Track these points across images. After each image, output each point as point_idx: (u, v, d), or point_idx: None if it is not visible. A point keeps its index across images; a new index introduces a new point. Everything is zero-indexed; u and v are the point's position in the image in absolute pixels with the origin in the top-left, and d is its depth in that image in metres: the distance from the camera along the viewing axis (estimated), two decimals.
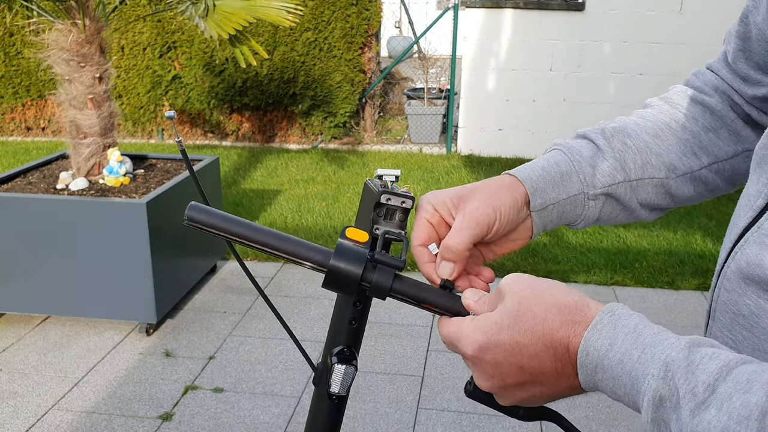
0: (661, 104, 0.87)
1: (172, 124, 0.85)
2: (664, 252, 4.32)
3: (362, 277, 0.70)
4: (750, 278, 0.60)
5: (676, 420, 0.50)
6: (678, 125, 0.84)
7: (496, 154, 6.52)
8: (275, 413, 2.75)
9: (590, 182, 0.79)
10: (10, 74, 6.97)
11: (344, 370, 0.77)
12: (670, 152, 0.83)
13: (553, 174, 0.78)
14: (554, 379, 0.61)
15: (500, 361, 0.62)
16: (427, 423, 2.72)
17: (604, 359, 0.56)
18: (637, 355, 0.55)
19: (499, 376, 0.63)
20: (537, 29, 6.21)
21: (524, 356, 0.61)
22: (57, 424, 2.68)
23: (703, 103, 0.84)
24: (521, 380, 0.62)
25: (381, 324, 3.47)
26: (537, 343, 0.60)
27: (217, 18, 3.45)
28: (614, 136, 0.82)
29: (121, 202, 3.22)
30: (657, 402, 0.52)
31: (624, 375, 0.55)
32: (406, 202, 0.73)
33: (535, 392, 0.63)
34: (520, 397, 0.64)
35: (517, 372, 0.62)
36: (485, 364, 0.63)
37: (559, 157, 0.80)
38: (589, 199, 0.80)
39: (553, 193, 0.78)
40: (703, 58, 4.91)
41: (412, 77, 7.80)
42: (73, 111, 3.56)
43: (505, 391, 0.64)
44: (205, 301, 3.70)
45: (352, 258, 0.70)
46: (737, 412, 0.47)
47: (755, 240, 0.60)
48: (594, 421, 2.73)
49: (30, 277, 3.28)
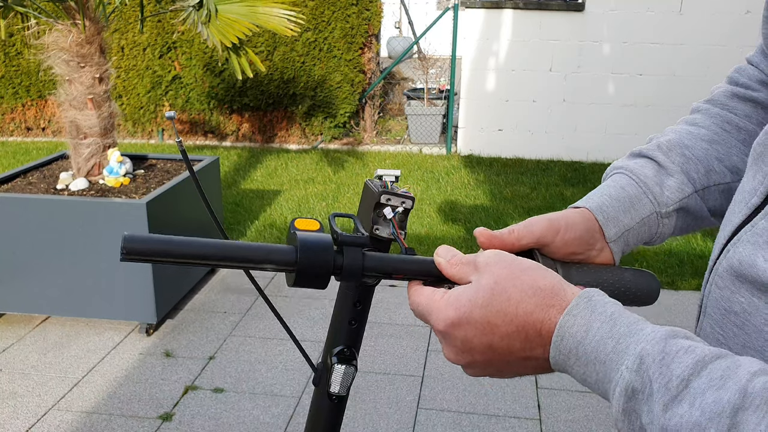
0: (710, 108, 0.85)
1: (172, 125, 0.84)
2: (664, 252, 4.32)
3: (334, 265, 0.66)
4: (742, 277, 0.60)
5: (648, 412, 0.51)
6: (732, 126, 0.83)
7: (496, 155, 6.52)
8: (275, 413, 2.75)
9: (661, 201, 0.79)
10: (10, 74, 6.97)
11: (344, 370, 0.77)
12: (731, 155, 0.82)
13: (623, 200, 0.78)
14: (522, 360, 0.62)
15: (470, 338, 0.62)
16: (427, 423, 2.72)
17: (579, 346, 0.57)
18: (612, 345, 0.55)
19: (468, 352, 0.63)
20: (537, 29, 6.21)
21: (495, 336, 0.61)
22: (57, 424, 2.68)
23: (753, 99, 0.83)
24: (489, 358, 0.63)
25: (381, 324, 3.47)
26: (509, 324, 0.61)
27: (220, 25, 3.45)
28: (672, 149, 0.81)
29: (121, 203, 3.22)
30: (629, 393, 0.52)
31: (597, 363, 0.56)
32: (406, 203, 0.73)
33: (503, 369, 0.64)
34: (488, 372, 0.66)
35: (487, 350, 0.62)
36: (455, 339, 0.63)
37: (624, 181, 0.80)
38: (663, 218, 0.79)
39: (625, 219, 0.77)
40: (703, 58, 4.94)
41: (412, 77, 7.80)
42: (73, 111, 3.57)
43: (473, 366, 0.65)
44: (205, 301, 3.70)
45: (319, 248, 0.65)
46: (709, 408, 0.47)
47: (749, 239, 0.60)
48: (594, 422, 2.73)
49: (30, 277, 3.28)
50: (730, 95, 0.85)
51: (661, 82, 6.07)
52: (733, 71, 0.87)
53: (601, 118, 6.29)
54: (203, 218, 3.75)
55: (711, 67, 5.83)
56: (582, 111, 6.31)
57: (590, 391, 2.92)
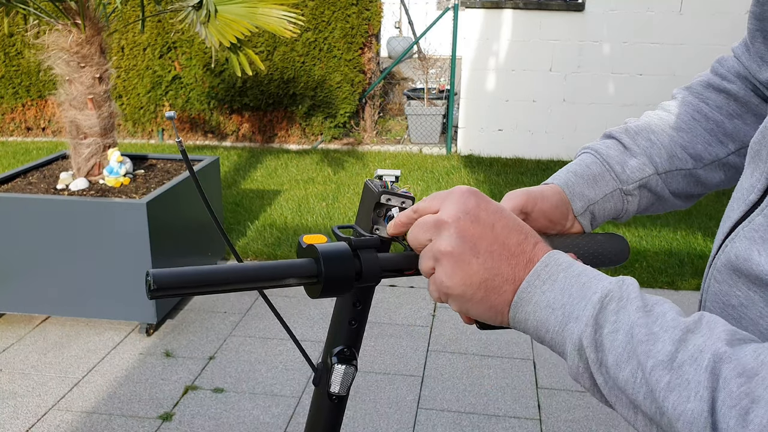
0: (686, 95, 0.90)
1: (172, 125, 0.84)
2: (664, 252, 4.32)
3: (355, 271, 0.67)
4: (739, 271, 0.61)
5: (617, 321, 0.54)
6: (701, 116, 0.87)
7: (496, 155, 6.52)
8: (275, 413, 2.75)
9: (622, 179, 0.84)
10: (10, 74, 6.97)
11: (344, 370, 0.77)
12: (695, 143, 0.86)
13: (587, 176, 0.84)
14: (509, 257, 0.62)
15: (480, 211, 0.64)
16: (427, 423, 2.72)
17: (571, 266, 0.61)
18: (595, 273, 0.60)
19: (474, 224, 0.63)
20: (537, 29, 6.21)
21: (501, 221, 0.64)
22: (57, 424, 2.68)
23: (726, 90, 0.87)
24: (489, 248, 0.62)
25: (381, 324, 3.47)
26: (510, 218, 0.65)
27: (219, 25, 3.45)
28: (638, 133, 0.86)
29: (121, 203, 3.22)
30: (606, 302, 0.55)
31: (579, 284, 0.59)
32: (406, 203, 0.73)
33: (486, 264, 0.62)
34: (464, 270, 0.62)
35: (489, 229, 0.63)
36: (466, 212, 0.63)
37: (589, 159, 0.86)
38: (626, 195, 0.85)
39: (590, 193, 0.83)
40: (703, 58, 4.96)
41: (412, 77, 7.80)
42: (73, 111, 3.57)
43: (464, 256, 0.62)
44: (205, 301, 3.70)
45: (340, 256, 0.67)
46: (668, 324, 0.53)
47: (745, 234, 0.61)
48: (594, 422, 2.73)
49: (30, 277, 3.28)
50: (705, 85, 0.89)
51: (661, 82, 6.07)
52: (716, 60, 0.90)
53: (601, 118, 6.29)
54: (203, 218, 3.75)
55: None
56: (582, 111, 6.31)
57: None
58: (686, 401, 0.48)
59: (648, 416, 0.52)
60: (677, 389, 0.49)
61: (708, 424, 0.47)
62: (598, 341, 0.54)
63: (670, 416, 0.49)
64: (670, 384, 0.49)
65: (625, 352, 0.52)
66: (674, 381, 0.49)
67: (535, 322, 0.60)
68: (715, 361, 0.48)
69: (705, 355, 0.49)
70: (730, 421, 0.46)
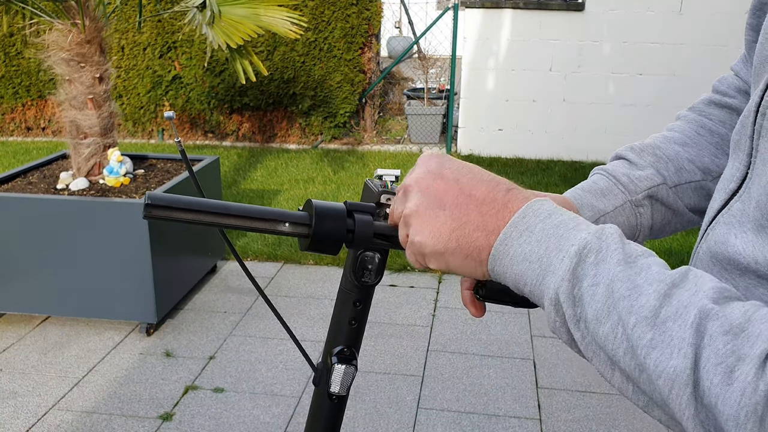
0: (689, 114, 0.91)
1: (172, 125, 0.85)
2: (664, 252, 4.32)
3: (346, 230, 0.69)
4: (717, 256, 0.62)
5: (596, 274, 0.53)
6: (705, 130, 0.88)
7: (496, 154, 6.52)
8: (275, 413, 2.75)
9: (630, 189, 0.84)
10: (10, 74, 6.97)
11: (344, 370, 0.77)
12: (702, 156, 0.86)
13: (595, 190, 0.84)
14: (479, 205, 0.62)
15: (447, 166, 0.64)
16: (427, 423, 2.72)
17: (551, 215, 0.59)
18: (574, 224, 0.58)
19: (441, 174, 0.64)
20: (537, 29, 6.21)
21: (464, 179, 0.63)
22: (57, 424, 2.68)
23: (728, 105, 0.88)
24: (455, 200, 0.62)
25: (381, 324, 3.47)
26: (482, 172, 0.65)
27: (224, 26, 3.44)
28: (644, 150, 0.87)
29: (121, 202, 3.22)
30: (583, 255, 0.54)
31: (557, 235, 0.58)
32: None
33: (455, 214, 0.62)
34: (437, 223, 0.63)
35: (454, 187, 0.63)
36: (432, 173, 0.64)
37: (597, 177, 0.86)
38: (636, 206, 0.83)
39: (600, 204, 0.82)
40: (703, 58, 4.94)
41: (412, 77, 7.80)
42: (73, 111, 3.57)
43: (430, 210, 0.63)
44: (206, 301, 3.70)
45: (333, 213, 0.69)
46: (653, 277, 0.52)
47: (724, 221, 0.63)
48: (594, 422, 2.73)
49: (30, 277, 3.28)
50: (707, 102, 0.90)
51: (661, 82, 6.07)
52: (716, 80, 0.92)
53: (601, 118, 6.28)
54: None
55: (711, 67, 5.82)
56: (582, 111, 6.31)
57: (590, 391, 2.91)
58: (669, 358, 0.47)
59: (626, 373, 0.51)
60: (660, 346, 0.48)
61: (690, 381, 0.46)
62: (576, 295, 0.53)
63: (651, 373, 0.48)
64: (653, 341, 0.48)
65: (605, 307, 0.51)
66: (657, 338, 0.48)
67: (513, 276, 0.59)
68: (701, 317, 0.47)
69: (690, 312, 0.48)
70: (714, 378, 0.45)
